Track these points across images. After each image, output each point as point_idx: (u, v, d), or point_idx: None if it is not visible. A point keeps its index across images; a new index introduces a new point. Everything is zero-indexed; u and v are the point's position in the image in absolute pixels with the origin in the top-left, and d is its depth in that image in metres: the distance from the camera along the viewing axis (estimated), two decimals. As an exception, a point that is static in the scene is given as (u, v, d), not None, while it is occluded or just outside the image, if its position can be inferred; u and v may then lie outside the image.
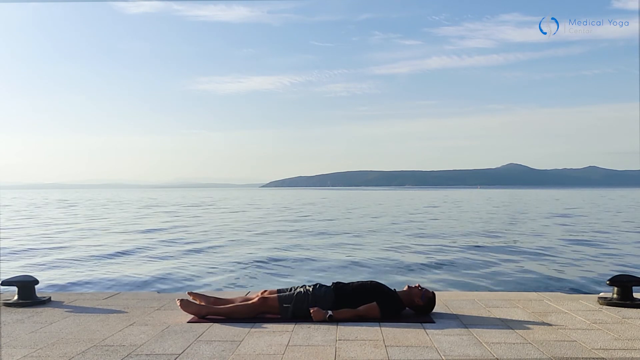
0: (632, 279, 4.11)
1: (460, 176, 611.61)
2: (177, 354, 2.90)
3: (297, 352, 2.93)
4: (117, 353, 2.92)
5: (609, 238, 16.13)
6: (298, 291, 3.78)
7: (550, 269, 10.25)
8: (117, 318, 3.75)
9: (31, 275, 4.35)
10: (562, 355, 2.85)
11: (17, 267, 10.59)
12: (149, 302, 4.27)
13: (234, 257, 11.88)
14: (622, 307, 3.97)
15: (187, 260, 11.58)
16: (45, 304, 4.21)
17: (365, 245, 14.27)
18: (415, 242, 15.24)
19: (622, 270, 9.50)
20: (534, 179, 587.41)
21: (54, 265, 10.94)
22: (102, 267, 10.70)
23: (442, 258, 11.58)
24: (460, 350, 2.94)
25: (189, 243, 15.06)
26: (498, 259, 11.43)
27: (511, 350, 2.95)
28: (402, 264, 10.96)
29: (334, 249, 13.44)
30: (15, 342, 3.14)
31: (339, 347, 3.00)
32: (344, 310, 3.66)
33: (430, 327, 3.46)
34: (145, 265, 10.91)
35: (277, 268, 10.55)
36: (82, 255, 12.44)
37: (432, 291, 3.93)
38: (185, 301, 3.81)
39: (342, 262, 11.29)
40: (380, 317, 3.66)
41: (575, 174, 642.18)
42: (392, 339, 3.16)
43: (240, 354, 2.90)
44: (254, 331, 3.37)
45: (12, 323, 3.60)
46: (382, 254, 12.40)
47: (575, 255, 12.22)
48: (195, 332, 3.36)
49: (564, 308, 4.00)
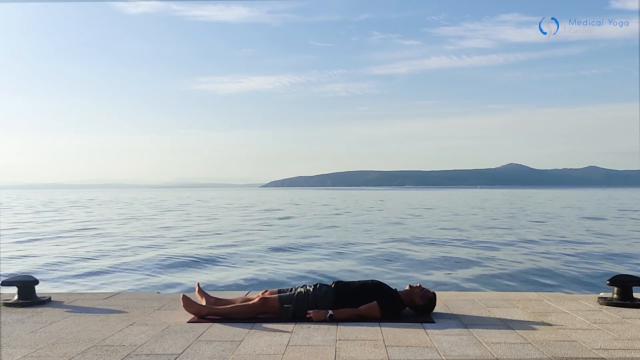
0: (632, 279, 4.11)
1: (460, 176, 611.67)
2: (177, 354, 2.90)
3: (297, 352, 2.93)
4: (117, 353, 2.92)
5: (609, 238, 16.13)
6: (299, 291, 3.78)
7: (550, 269, 10.25)
8: (117, 318, 3.75)
9: (31, 275, 4.35)
10: (562, 355, 2.85)
11: (17, 267, 10.60)
12: (149, 302, 4.27)
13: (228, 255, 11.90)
14: (622, 307, 3.97)
15: (188, 259, 11.58)
16: (45, 304, 4.21)
17: (360, 245, 14.28)
18: (414, 242, 15.25)
19: (622, 270, 9.51)
20: (534, 179, 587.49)
21: (54, 265, 10.94)
22: (102, 267, 10.70)
23: (442, 258, 11.58)
24: (460, 350, 2.94)
25: (192, 242, 15.06)
26: (498, 259, 11.44)
27: (511, 350, 2.95)
28: (403, 264, 10.96)
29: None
30: (15, 342, 3.14)
31: (339, 347, 3.00)
32: (345, 310, 3.66)
33: (430, 327, 3.46)
34: (146, 264, 10.91)
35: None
36: (82, 255, 12.45)
37: (432, 291, 3.93)
38: (188, 299, 3.80)
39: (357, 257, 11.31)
40: (380, 317, 3.66)
41: (575, 174, 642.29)
42: (392, 339, 3.16)
43: (240, 354, 2.91)
44: (254, 331, 3.37)
45: (12, 323, 3.60)
46: (381, 254, 12.41)
47: (575, 255, 12.22)
48: (195, 332, 3.36)
49: (564, 308, 4.00)
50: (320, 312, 3.62)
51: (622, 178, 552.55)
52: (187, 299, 3.82)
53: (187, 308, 3.77)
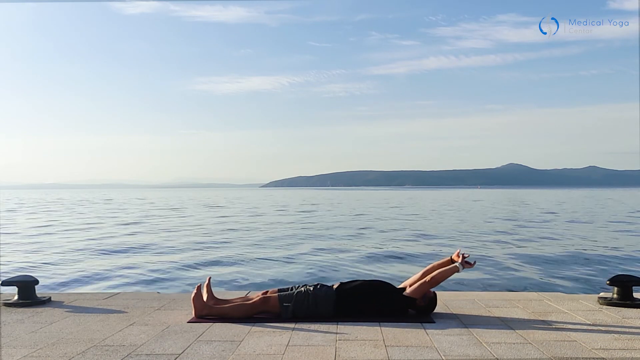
0: (632, 279, 4.11)
1: (460, 176, 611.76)
2: (177, 354, 2.90)
3: (297, 352, 2.93)
4: (117, 353, 2.91)
5: (609, 238, 16.13)
6: (299, 291, 3.77)
7: (550, 269, 10.25)
8: (117, 318, 3.75)
9: (31, 275, 4.35)
10: (562, 355, 2.85)
11: (17, 267, 10.60)
12: (149, 302, 4.27)
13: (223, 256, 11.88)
14: (622, 307, 3.96)
15: (189, 260, 11.57)
16: (45, 304, 4.20)
17: (353, 245, 14.27)
18: (415, 241, 15.25)
19: (622, 270, 9.51)
20: (534, 179, 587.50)
21: (54, 265, 10.94)
22: (103, 267, 10.70)
23: (440, 257, 11.57)
24: (460, 350, 2.94)
25: (191, 242, 15.06)
26: (498, 259, 11.44)
27: (511, 350, 2.95)
28: (401, 264, 10.96)
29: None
30: (15, 342, 3.13)
31: (339, 347, 3.00)
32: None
33: (430, 327, 3.46)
34: (146, 264, 10.90)
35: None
36: (82, 255, 12.44)
37: (433, 291, 3.93)
38: (199, 293, 3.78)
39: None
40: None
41: (575, 174, 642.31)
42: (392, 339, 3.16)
43: (240, 354, 2.90)
44: (254, 331, 3.37)
45: (12, 323, 3.60)
46: (380, 254, 12.41)
47: (575, 255, 12.22)
48: (195, 332, 3.36)
49: (564, 308, 4.00)
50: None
51: (622, 178, 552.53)
52: (199, 291, 3.79)
53: (195, 301, 3.74)
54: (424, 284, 3.78)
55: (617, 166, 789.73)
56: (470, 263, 3.80)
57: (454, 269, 3.76)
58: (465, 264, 3.76)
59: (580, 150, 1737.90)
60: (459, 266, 3.76)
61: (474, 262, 3.83)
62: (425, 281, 3.77)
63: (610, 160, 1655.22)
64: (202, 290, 3.86)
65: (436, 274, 3.78)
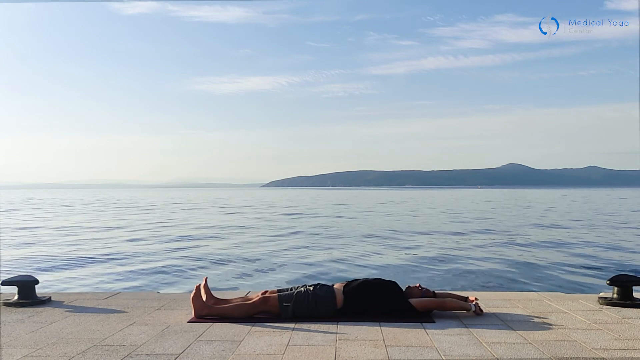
0: (632, 279, 4.11)
1: (460, 176, 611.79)
2: (177, 354, 2.90)
3: (297, 352, 2.93)
4: (117, 353, 2.91)
5: (608, 238, 16.13)
6: (298, 290, 3.77)
7: (550, 269, 10.25)
8: (117, 318, 3.75)
9: (31, 275, 4.34)
10: (562, 355, 2.85)
11: (17, 267, 10.60)
12: (149, 302, 4.27)
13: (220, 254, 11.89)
14: (622, 307, 3.96)
15: (189, 260, 11.58)
16: (45, 303, 4.20)
17: (350, 247, 14.27)
18: (414, 241, 15.25)
19: (623, 270, 9.50)
20: (534, 179, 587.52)
21: (54, 265, 10.94)
22: (103, 267, 10.70)
23: (440, 257, 11.58)
24: (460, 350, 2.94)
25: (191, 242, 15.06)
26: (498, 259, 11.44)
27: (511, 350, 2.95)
28: (401, 264, 10.96)
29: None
30: (15, 342, 3.13)
31: (339, 347, 3.00)
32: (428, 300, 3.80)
33: (430, 327, 3.46)
34: (146, 264, 10.90)
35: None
36: (82, 255, 12.44)
37: (432, 291, 3.93)
38: (199, 293, 3.78)
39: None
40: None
41: (575, 174, 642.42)
42: (392, 339, 3.16)
43: (240, 354, 2.90)
44: (254, 331, 3.37)
45: (12, 323, 3.60)
46: (378, 254, 12.41)
47: (575, 255, 12.22)
48: (195, 332, 3.36)
49: (564, 308, 4.00)
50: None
51: (622, 178, 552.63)
52: (198, 291, 3.79)
53: (194, 299, 3.74)
54: (432, 303, 3.81)
55: (617, 166, 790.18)
56: (482, 311, 3.83)
57: (466, 307, 3.81)
58: (477, 308, 3.80)
59: (580, 150, 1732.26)
60: (472, 307, 3.80)
61: (482, 312, 3.84)
62: (435, 301, 3.81)
63: (610, 160, 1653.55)
64: (201, 291, 3.87)
65: (449, 301, 3.84)
